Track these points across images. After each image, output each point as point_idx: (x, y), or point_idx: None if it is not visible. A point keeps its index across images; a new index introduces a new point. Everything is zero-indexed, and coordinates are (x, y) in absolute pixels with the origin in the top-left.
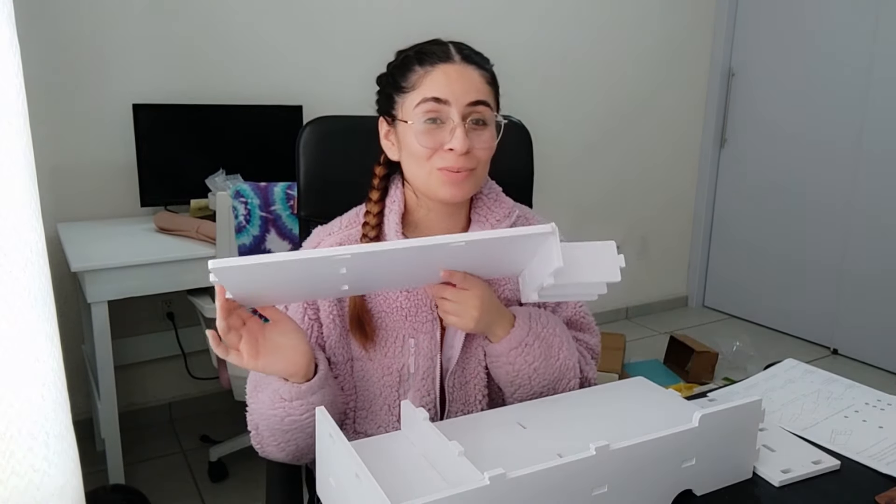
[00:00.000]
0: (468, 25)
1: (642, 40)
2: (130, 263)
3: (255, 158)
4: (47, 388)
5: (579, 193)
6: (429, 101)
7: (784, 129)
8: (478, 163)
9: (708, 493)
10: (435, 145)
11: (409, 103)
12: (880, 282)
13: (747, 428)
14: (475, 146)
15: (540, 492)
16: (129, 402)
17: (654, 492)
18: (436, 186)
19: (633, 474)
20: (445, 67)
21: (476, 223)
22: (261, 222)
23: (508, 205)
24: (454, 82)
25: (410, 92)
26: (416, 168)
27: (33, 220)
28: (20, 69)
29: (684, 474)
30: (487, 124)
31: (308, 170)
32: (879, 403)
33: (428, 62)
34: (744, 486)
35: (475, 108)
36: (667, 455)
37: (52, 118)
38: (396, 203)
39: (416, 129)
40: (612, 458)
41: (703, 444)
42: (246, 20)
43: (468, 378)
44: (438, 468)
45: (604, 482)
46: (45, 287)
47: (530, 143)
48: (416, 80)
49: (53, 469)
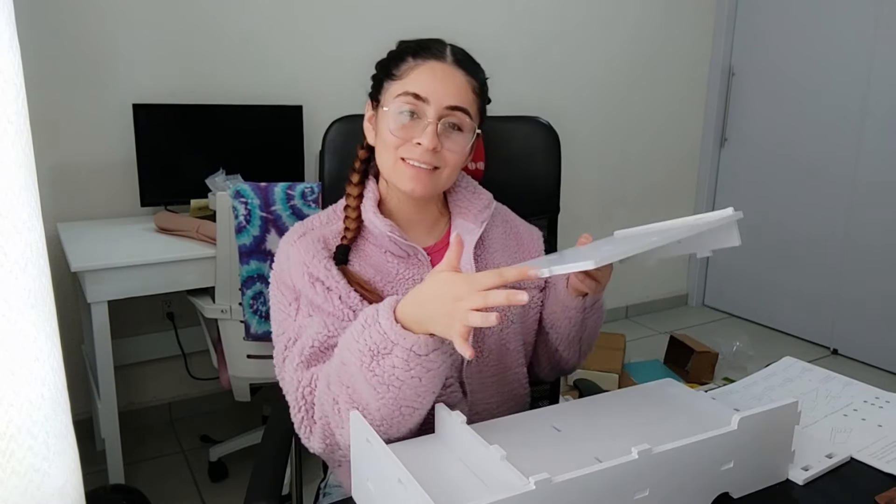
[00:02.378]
0: (469, 26)
1: (642, 40)
2: (130, 263)
3: (255, 158)
4: (47, 388)
5: (579, 193)
6: (409, 94)
7: (784, 129)
8: (444, 164)
9: (744, 496)
10: (406, 136)
11: (392, 91)
12: (880, 282)
13: (784, 430)
14: (445, 147)
15: (584, 496)
16: (129, 402)
17: (693, 495)
18: (398, 177)
19: (673, 478)
20: (434, 65)
21: (457, 215)
22: (261, 222)
23: (487, 196)
24: (438, 81)
25: (397, 81)
26: (384, 155)
27: (33, 220)
28: (20, 69)
29: (722, 477)
30: (463, 130)
31: (332, 169)
32: (878, 401)
33: (421, 56)
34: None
35: (453, 112)
36: (706, 458)
37: (52, 118)
38: (371, 191)
39: (391, 116)
40: (653, 462)
41: (741, 447)
42: (246, 20)
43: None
44: (479, 473)
45: (646, 486)
46: (45, 287)
47: (559, 145)
48: (405, 71)
49: (53, 469)
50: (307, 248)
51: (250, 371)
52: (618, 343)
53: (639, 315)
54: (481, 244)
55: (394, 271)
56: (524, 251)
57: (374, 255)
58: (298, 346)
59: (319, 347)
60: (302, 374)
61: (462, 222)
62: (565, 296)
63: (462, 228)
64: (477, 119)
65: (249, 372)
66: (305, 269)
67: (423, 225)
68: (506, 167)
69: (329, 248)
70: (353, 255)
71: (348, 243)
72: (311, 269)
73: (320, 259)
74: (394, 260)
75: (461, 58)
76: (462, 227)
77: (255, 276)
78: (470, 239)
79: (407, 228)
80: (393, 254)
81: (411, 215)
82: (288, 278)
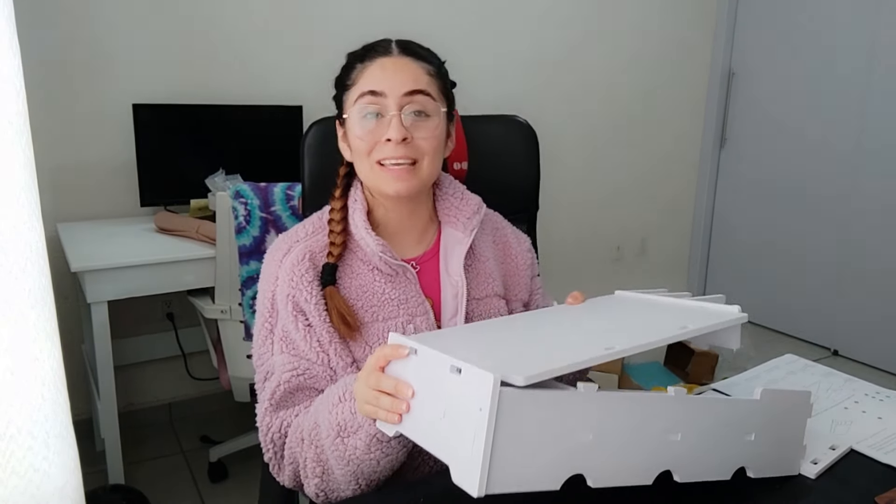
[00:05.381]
0: (468, 26)
1: (642, 40)
2: (130, 263)
3: (255, 158)
4: (47, 388)
5: (579, 193)
6: (365, 94)
7: (784, 129)
8: (421, 154)
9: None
10: (374, 138)
11: (349, 100)
12: (880, 282)
13: (798, 418)
14: (416, 136)
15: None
16: (129, 402)
17: (719, 459)
18: (379, 181)
19: (703, 432)
20: (383, 61)
21: (446, 224)
22: (261, 223)
23: (475, 202)
24: (389, 73)
25: (351, 88)
26: (360, 164)
27: (33, 220)
28: (20, 69)
29: (745, 448)
30: (430, 115)
31: (313, 170)
32: (878, 395)
33: (367, 57)
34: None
35: (412, 97)
36: (733, 421)
37: (52, 118)
38: (359, 202)
39: (355, 122)
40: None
41: (762, 420)
42: (246, 20)
43: None
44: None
45: (677, 430)
46: (45, 287)
47: (536, 144)
48: (355, 76)
49: (53, 469)
50: (294, 270)
51: (250, 371)
52: None
53: None
54: (471, 254)
55: (380, 290)
56: (512, 264)
57: (361, 274)
58: (270, 387)
59: (287, 388)
60: (272, 419)
61: (451, 231)
62: None
63: (451, 238)
64: (442, 100)
65: (249, 372)
66: (290, 298)
67: (413, 233)
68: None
69: (316, 264)
70: (340, 270)
71: (335, 261)
72: (296, 297)
73: (305, 284)
74: (381, 278)
75: (408, 46)
76: (451, 237)
77: (254, 277)
78: (459, 249)
79: (396, 238)
80: (381, 271)
81: (401, 223)
82: (269, 301)
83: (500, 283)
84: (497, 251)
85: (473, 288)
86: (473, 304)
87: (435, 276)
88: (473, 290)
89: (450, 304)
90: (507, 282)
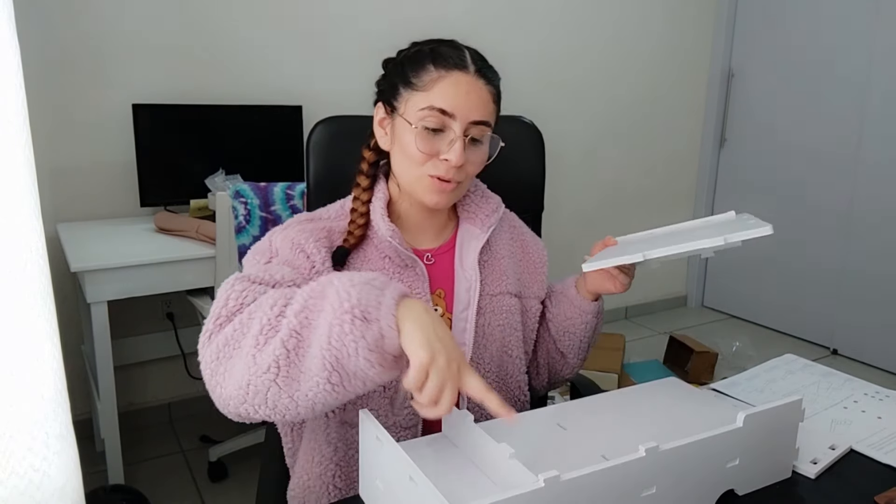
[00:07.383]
0: (470, 27)
1: (642, 41)
2: (130, 263)
3: (255, 158)
4: (47, 388)
5: (579, 193)
6: (435, 110)
7: (783, 130)
8: (466, 177)
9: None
10: (432, 152)
11: (414, 103)
12: (880, 282)
13: (788, 427)
14: (469, 161)
15: (592, 494)
16: (129, 402)
17: (699, 493)
18: (422, 191)
19: (680, 476)
20: (458, 77)
21: (465, 220)
22: (261, 223)
23: (495, 201)
24: (463, 96)
25: (419, 92)
26: (407, 168)
27: (33, 220)
28: (20, 69)
29: (728, 474)
30: (483, 143)
31: (317, 170)
32: (878, 395)
33: (442, 65)
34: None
35: (478, 126)
36: (712, 456)
37: (52, 118)
38: (381, 192)
39: (416, 133)
40: (661, 460)
41: (746, 444)
42: (246, 20)
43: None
44: (487, 471)
45: (652, 483)
46: (45, 287)
47: (542, 144)
48: (427, 82)
49: (53, 469)
50: (311, 232)
51: None
52: (617, 343)
53: (638, 316)
54: (487, 249)
55: None
56: (529, 261)
57: (372, 260)
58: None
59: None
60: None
61: (469, 227)
62: (581, 300)
63: (468, 234)
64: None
65: None
66: (298, 246)
67: (432, 229)
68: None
69: (332, 242)
70: (353, 255)
71: (350, 247)
72: (305, 246)
73: (319, 247)
74: (391, 267)
75: (481, 66)
76: (468, 233)
77: None
78: (475, 244)
79: (414, 233)
80: (391, 260)
81: (421, 221)
82: (268, 244)
83: (514, 282)
84: (515, 248)
85: (487, 284)
86: (486, 299)
87: (449, 268)
88: (487, 285)
89: (462, 297)
90: (524, 279)
